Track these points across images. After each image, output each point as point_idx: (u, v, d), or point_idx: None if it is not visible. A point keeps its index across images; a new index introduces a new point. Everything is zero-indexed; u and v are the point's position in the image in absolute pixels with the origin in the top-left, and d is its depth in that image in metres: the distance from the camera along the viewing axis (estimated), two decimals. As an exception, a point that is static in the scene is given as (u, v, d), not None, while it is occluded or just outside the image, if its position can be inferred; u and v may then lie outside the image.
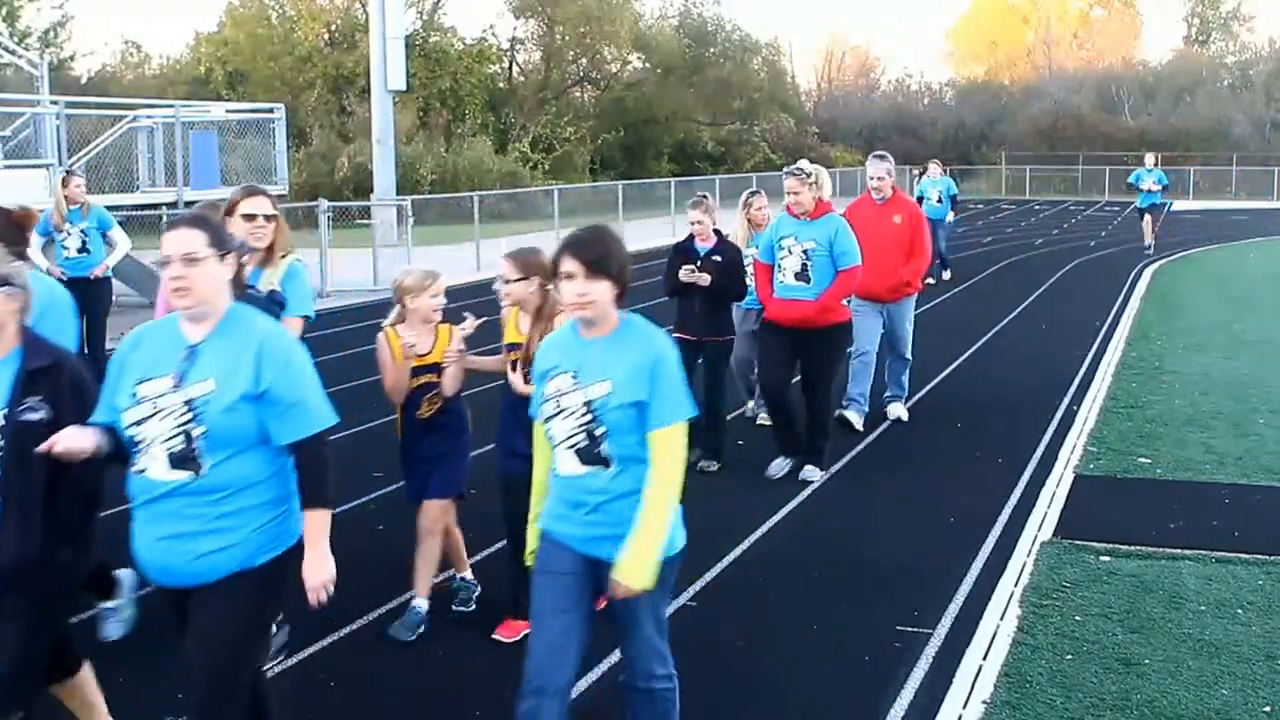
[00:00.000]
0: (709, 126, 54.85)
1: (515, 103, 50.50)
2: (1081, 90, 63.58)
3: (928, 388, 10.82)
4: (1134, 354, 12.57)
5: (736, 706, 4.60)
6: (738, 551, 6.39)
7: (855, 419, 9.05)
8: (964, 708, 4.56)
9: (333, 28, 46.89)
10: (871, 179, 9.10)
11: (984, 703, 4.59)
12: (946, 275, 19.75)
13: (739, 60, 56.20)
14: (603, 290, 3.48)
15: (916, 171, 29.23)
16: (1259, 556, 6.23)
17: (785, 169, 7.64)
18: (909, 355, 9.60)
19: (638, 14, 53.97)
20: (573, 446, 3.50)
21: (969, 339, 13.59)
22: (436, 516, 5.18)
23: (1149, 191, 23.84)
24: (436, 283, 5.20)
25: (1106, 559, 6.23)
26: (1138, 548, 6.38)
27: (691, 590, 5.78)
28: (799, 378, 7.72)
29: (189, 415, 3.23)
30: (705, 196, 7.90)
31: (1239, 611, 5.51)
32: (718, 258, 7.68)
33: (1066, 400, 10.20)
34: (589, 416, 3.46)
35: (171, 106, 19.38)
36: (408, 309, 5.20)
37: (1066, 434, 9.01)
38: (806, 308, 7.43)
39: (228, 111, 22.90)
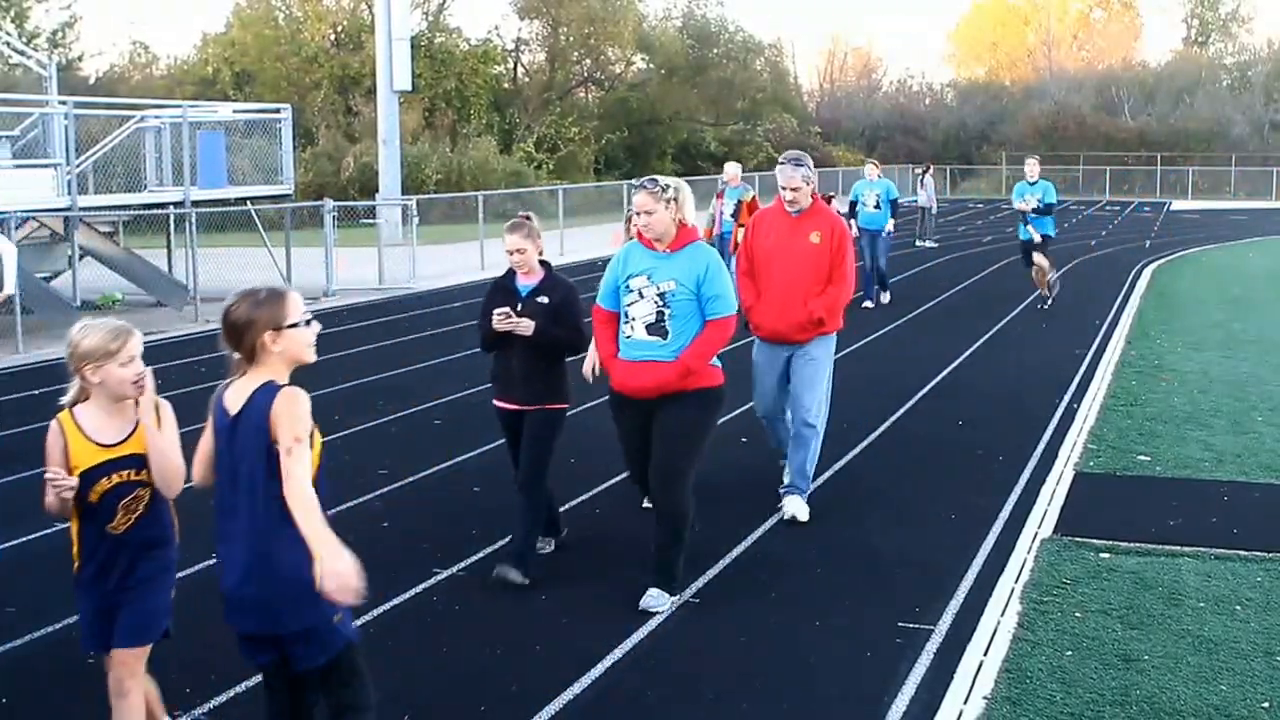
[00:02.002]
0: (712, 127, 54.89)
1: (520, 103, 50.55)
2: (1081, 91, 63.59)
3: (928, 387, 10.88)
4: (1134, 352, 12.63)
5: (738, 704, 4.66)
6: (739, 550, 6.45)
7: (798, 508, 6.92)
8: (965, 703, 4.61)
9: (339, 29, 46.96)
10: (784, 190, 6.93)
11: (985, 698, 4.64)
12: (886, 298, 16.63)
13: (742, 61, 56.26)
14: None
15: (918, 171, 29.12)
16: (1258, 553, 6.28)
17: (637, 181, 5.80)
18: (820, 422, 7.03)
19: (641, 15, 54.05)
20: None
21: (969, 337, 13.63)
22: (133, 668, 3.82)
23: (1028, 217, 15.83)
24: (128, 345, 3.73)
25: (1106, 556, 6.28)
26: (1137, 545, 6.43)
27: (693, 588, 5.83)
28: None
29: None
30: (528, 218, 5.94)
31: (1238, 608, 5.56)
32: (544, 299, 5.81)
33: (1067, 398, 10.26)
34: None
35: (179, 107, 19.43)
36: (90, 382, 3.73)
37: (1067, 432, 9.06)
38: (661, 372, 5.51)
39: (234, 112, 22.97)
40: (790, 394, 7.02)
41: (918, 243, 26.52)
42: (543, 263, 5.94)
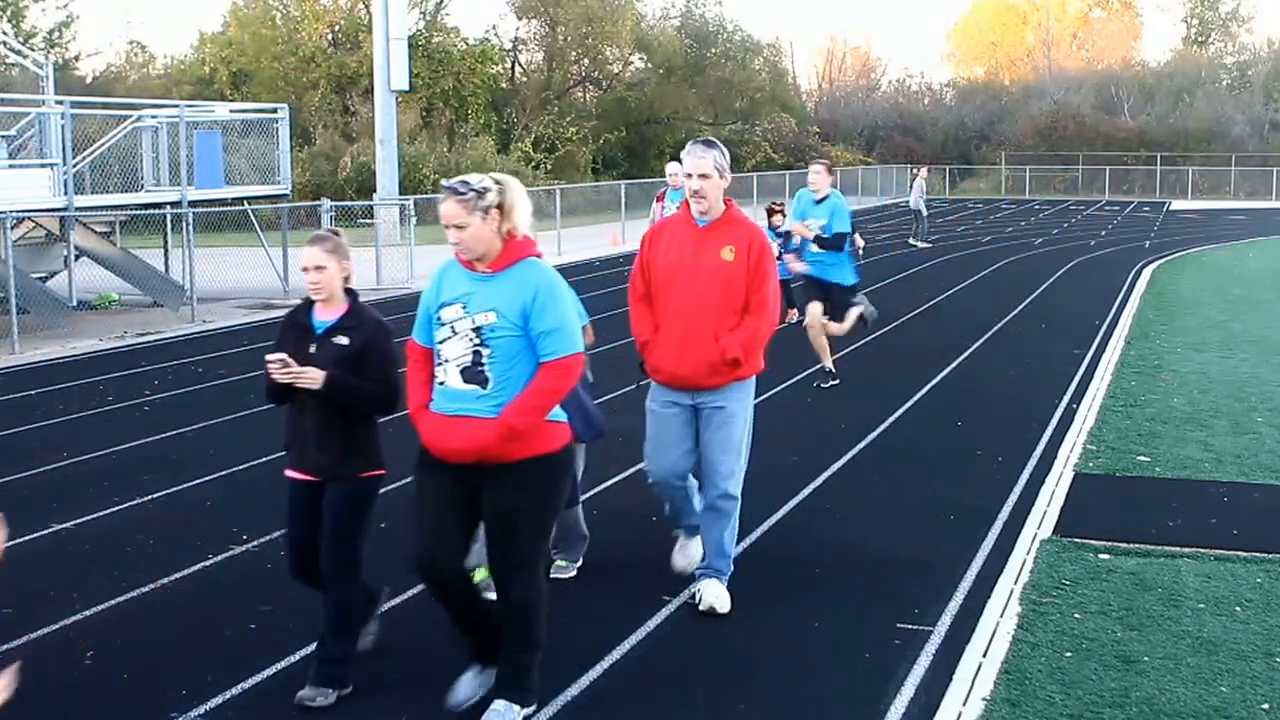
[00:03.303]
0: (710, 126, 54.89)
1: (517, 103, 50.55)
2: (1081, 90, 63.67)
3: (928, 386, 10.86)
4: (1133, 353, 12.62)
5: (737, 704, 4.64)
6: (739, 550, 6.41)
7: (717, 596, 5.54)
8: (964, 705, 4.59)
9: (336, 28, 46.95)
10: (688, 182, 5.36)
11: (984, 700, 4.62)
12: (795, 316, 12.82)
13: (740, 60, 56.33)
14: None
15: (915, 170, 29.04)
16: (1257, 554, 6.27)
17: (446, 181, 4.30)
18: (737, 489, 5.54)
19: (640, 14, 54.10)
20: None
21: (969, 337, 13.62)
22: None
23: (804, 251, 10.76)
24: None
25: (1106, 557, 6.27)
26: (1137, 545, 6.41)
27: (693, 588, 5.82)
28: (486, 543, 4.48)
29: None
30: (336, 233, 4.74)
31: (1237, 609, 5.54)
32: (343, 339, 4.62)
33: (1066, 399, 10.24)
34: None
35: (176, 106, 19.41)
36: None
37: (1066, 432, 9.05)
38: (479, 432, 4.17)
39: (232, 111, 22.98)
40: (701, 457, 5.50)
41: (911, 241, 26.46)
42: (349, 291, 4.70)
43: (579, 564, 6.04)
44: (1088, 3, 76.87)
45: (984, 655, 5.03)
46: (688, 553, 5.97)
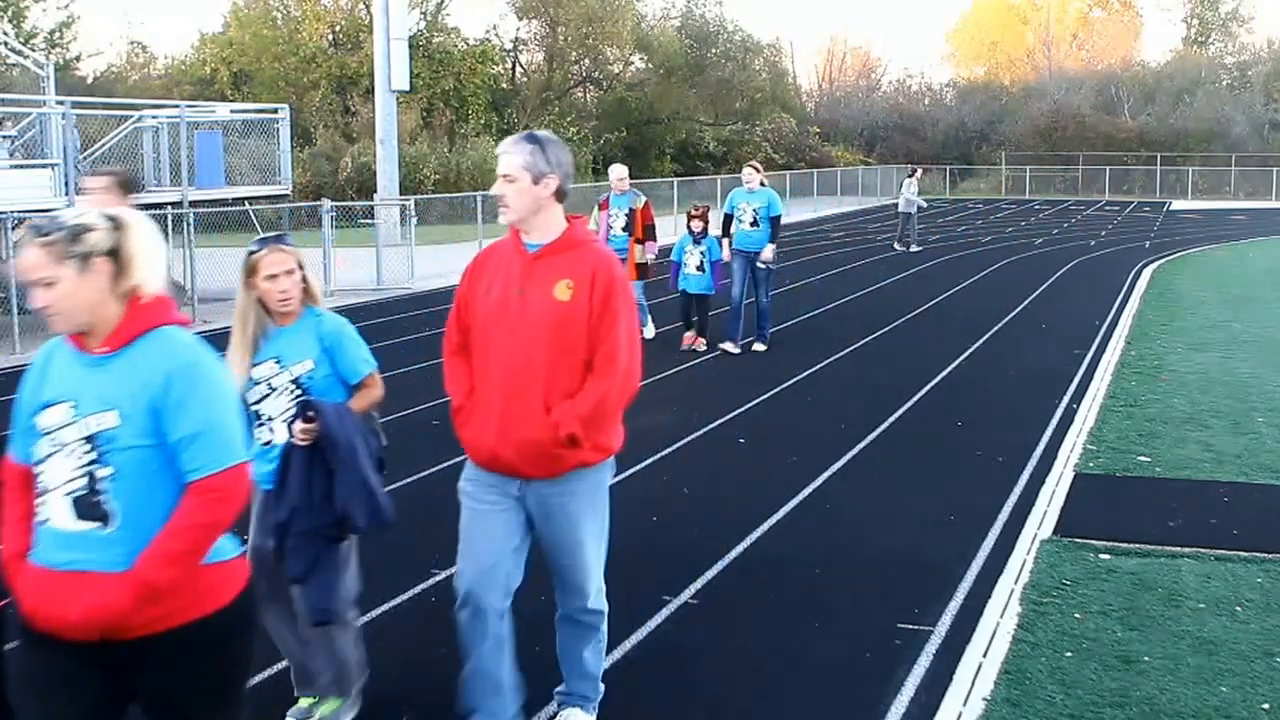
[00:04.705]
0: (711, 126, 54.93)
1: (518, 103, 50.56)
2: (1081, 91, 63.65)
3: (928, 387, 10.87)
4: (1133, 353, 12.62)
5: (738, 704, 4.65)
6: (739, 550, 6.43)
7: None
8: (964, 705, 4.60)
9: (337, 28, 46.96)
10: (501, 182, 3.94)
11: (984, 700, 4.63)
12: (760, 347, 12.63)
13: (740, 61, 56.32)
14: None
15: (908, 172, 28.85)
16: (1257, 554, 6.27)
17: (29, 222, 2.93)
18: (600, 601, 4.24)
19: (640, 15, 54.09)
20: None
21: (969, 337, 13.63)
22: None
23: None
24: None
25: (1106, 557, 6.27)
26: (1137, 546, 6.42)
27: (693, 588, 5.82)
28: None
29: None
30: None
31: (1238, 609, 5.55)
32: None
33: (1066, 399, 10.25)
34: None
35: (177, 107, 19.41)
36: None
37: (1066, 432, 9.05)
38: (102, 595, 2.74)
39: (232, 112, 22.98)
40: (546, 559, 4.14)
41: (896, 245, 26.20)
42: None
43: (355, 704, 4.49)
44: (1088, 3, 76.87)
45: (984, 655, 5.04)
46: None
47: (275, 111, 20.61)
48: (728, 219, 12.61)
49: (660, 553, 6.20)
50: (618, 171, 13.19)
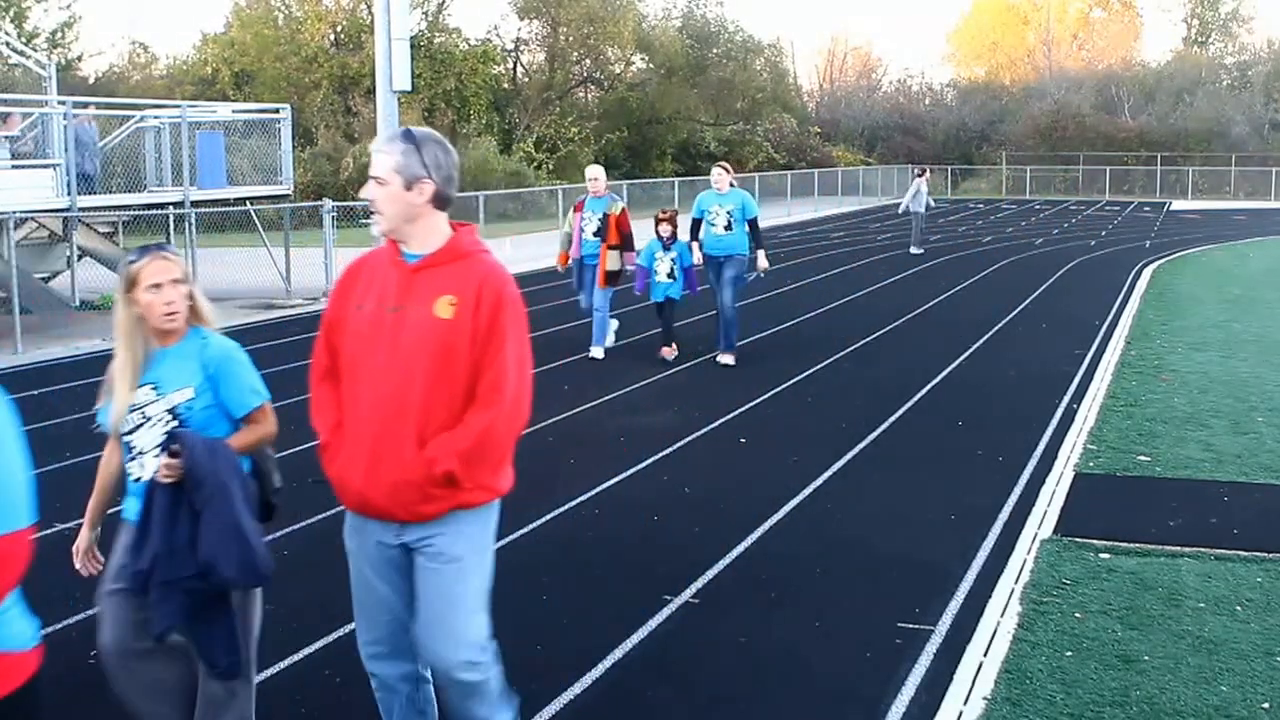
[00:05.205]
0: (712, 126, 54.95)
1: (519, 103, 50.56)
2: (1081, 91, 63.69)
3: (928, 386, 10.87)
4: (1134, 353, 12.63)
5: (738, 704, 4.66)
6: (739, 549, 6.44)
7: None
8: (965, 704, 4.60)
9: (338, 29, 46.96)
10: (372, 185, 3.54)
11: (984, 699, 4.64)
12: (729, 360, 11.75)
13: (741, 61, 56.32)
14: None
15: (917, 172, 28.81)
16: (1258, 554, 6.28)
17: None
18: (483, 653, 3.60)
19: (641, 15, 54.08)
20: None
21: (970, 337, 13.63)
22: None
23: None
24: None
25: (1106, 556, 6.28)
26: (1137, 545, 6.43)
27: (693, 588, 5.83)
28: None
29: None
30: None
31: (1238, 608, 5.56)
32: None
33: (1066, 399, 10.25)
34: None
35: (178, 107, 19.42)
36: None
37: (1066, 432, 9.06)
38: None
39: (234, 112, 22.97)
40: (419, 614, 3.56)
41: (913, 250, 26.15)
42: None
43: None
44: (1088, 3, 76.87)
45: (985, 655, 5.05)
46: None
47: (277, 111, 20.61)
48: (696, 223, 11.93)
49: (660, 553, 6.21)
50: (594, 172, 12.61)
